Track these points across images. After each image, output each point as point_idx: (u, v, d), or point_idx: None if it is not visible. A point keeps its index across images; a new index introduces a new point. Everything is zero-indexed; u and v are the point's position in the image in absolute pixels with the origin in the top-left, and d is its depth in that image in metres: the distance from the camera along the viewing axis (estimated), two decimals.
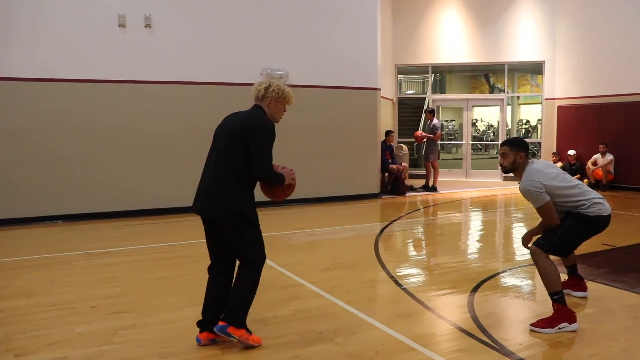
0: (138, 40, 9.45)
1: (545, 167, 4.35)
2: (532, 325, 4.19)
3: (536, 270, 4.42)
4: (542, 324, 4.16)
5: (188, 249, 7.02)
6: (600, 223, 4.32)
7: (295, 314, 4.50)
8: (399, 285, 5.33)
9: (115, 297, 4.98)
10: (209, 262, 4.16)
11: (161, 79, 9.65)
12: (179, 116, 9.80)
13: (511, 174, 4.53)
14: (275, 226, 8.59)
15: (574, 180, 4.42)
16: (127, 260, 6.45)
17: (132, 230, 8.37)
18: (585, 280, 5.03)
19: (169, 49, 9.67)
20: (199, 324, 3.97)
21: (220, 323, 3.81)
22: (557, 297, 4.20)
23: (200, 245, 7.14)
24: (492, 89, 17.11)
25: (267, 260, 6.18)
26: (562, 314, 4.15)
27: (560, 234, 4.26)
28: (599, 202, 4.29)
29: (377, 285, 5.33)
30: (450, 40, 15.70)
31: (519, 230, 8.68)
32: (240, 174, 3.81)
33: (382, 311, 4.65)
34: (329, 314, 4.51)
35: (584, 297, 4.92)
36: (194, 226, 8.50)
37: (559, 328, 4.12)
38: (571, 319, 4.16)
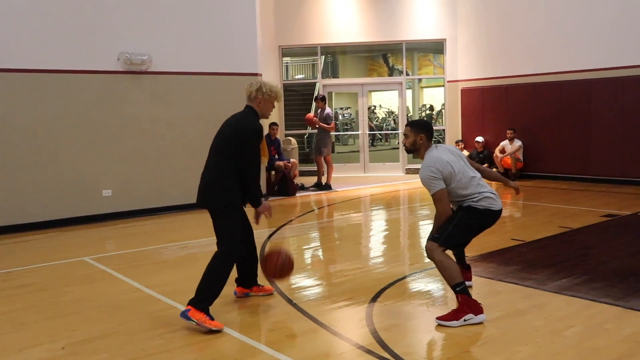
0: None
1: (447, 154, 4.85)
2: (437, 318, 4.64)
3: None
4: (448, 317, 4.61)
5: (29, 275, 6.65)
6: (489, 216, 4.86)
7: (167, 343, 4.39)
8: (289, 300, 5.35)
9: None
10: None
11: None
12: (17, 113, 9.25)
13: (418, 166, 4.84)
14: (142, 240, 8.38)
15: (472, 171, 4.89)
16: None
17: None
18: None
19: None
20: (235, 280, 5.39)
21: (185, 307, 4.62)
22: (459, 289, 4.62)
23: (45, 269, 6.86)
24: (391, 71, 17.64)
25: (132, 282, 6.08)
26: (466, 305, 4.59)
27: (452, 227, 4.77)
28: (489, 197, 4.81)
29: (263, 302, 5.31)
30: (341, 17, 16.00)
31: (426, 229, 8.98)
32: (230, 173, 4.85)
33: (268, 333, 4.65)
34: (207, 340, 4.44)
35: (469, 287, 5.25)
36: (36, 247, 8.18)
37: (465, 320, 4.56)
38: (477, 310, 4.62)
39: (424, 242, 7.99)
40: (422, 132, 4.89)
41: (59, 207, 9.63)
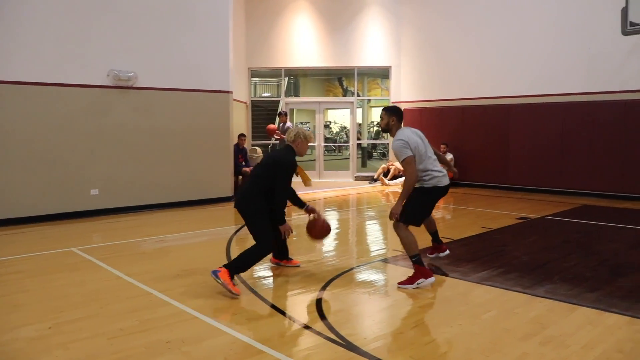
0: None
1: (414, 133, 5.35)
2: (398, 283, 5.19)
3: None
4: (406, 282, 5.16)
5: (23, 263, 6.46)
6: (437, 192, 5.35)
7: (141, 324, 4.32)
8: (251, 288, 5.32)
9: None
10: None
11: None
12: (17, 120, 8.99)
13: (365, 176, 5.00)
14: (123, 234, 8.22)
15: (430, 152, 5.40)
16: None
17: None
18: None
19: (1, 46, 8.85)
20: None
21: (218, 268, 5.07)
22: (415, 259, 5.18)
23: (37, 258, 6.68)
24: (345, 92, 17.71)
25: (113, 270, 5.96)
26: (419, 272, 5.15)
27: (410, 207, 5.23)
28: (436, 176, 5.28)
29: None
30: (303, 44, 16.04)
31: (371, 228, 9.06)
32: (262, 191, 5.33)
33: (231, 316, 4.60)
34: (177, 322, 4.38)
35: (447, 255, 6.26)
36: (30, 238, 7.96)
37: (418, 284, 5.12)
38: (427, 275, 5.17)
39: (370, 239, 8.24)
40: (394, 115, 5.37)
41: (51, 203, 9.38)
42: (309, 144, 5.72)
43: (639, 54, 11.45)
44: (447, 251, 6.28)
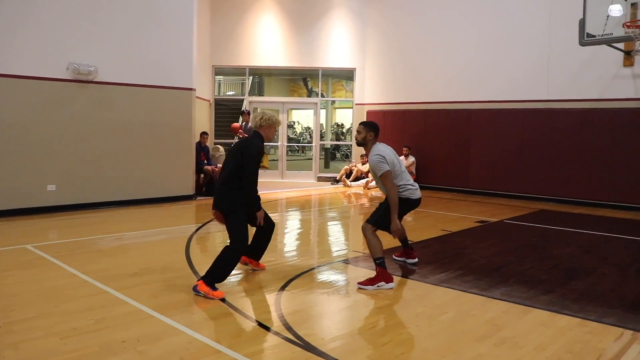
0: None
1: (389, 149, 5.57)
2: (358, 283, 5.29)
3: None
4: (366, 282, 5.27)
5: None
6: (409, 203, 5.64)
7: (96, 323, 4.23)
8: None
9: None
10: None
11: None
12: None
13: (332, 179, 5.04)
14: (81, 231, 8.05)
15: (402, 167, 5.67)
16: None
17: None
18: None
19: None
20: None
21: (196, 282, 5.05)
22: (378, 262, 5.31)
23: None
24: (310, 93, 17.73)
25: (69, 268, 5.83)
26: (381, 275, 5.27)
27: (381, 212, 5.49)
28: (409, 188, 5.60)
29: (184, 289, 5.19)
30: (268, 43, 16.00)
31: (333, 229, 9.09)
32: (237, 183, 5.15)
33: (188, 315, 4.54)
34: (133, 321, 4.31)
35: (415, 263, 6.29)
36: None
37: (378, 286, 5.23)
38: (388, 279, 5.28)
39: (331, 239, 8.22)
40: (372, 130, 5.52)
41: (5, 199, 9.10)
42: (276, 127, 5.52)
43: (594, 65, 11.80)
44: (416, 259, 6.33)
